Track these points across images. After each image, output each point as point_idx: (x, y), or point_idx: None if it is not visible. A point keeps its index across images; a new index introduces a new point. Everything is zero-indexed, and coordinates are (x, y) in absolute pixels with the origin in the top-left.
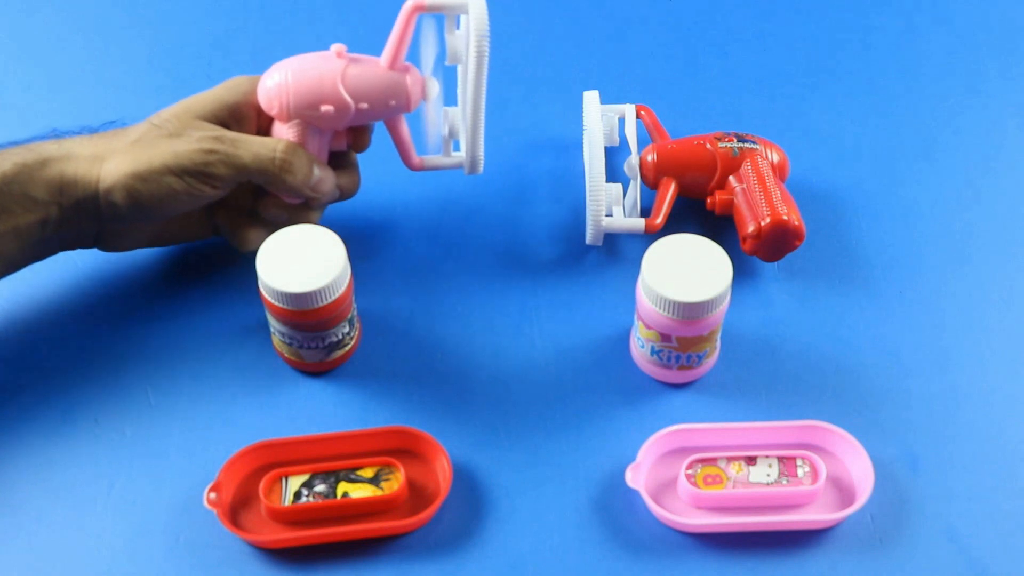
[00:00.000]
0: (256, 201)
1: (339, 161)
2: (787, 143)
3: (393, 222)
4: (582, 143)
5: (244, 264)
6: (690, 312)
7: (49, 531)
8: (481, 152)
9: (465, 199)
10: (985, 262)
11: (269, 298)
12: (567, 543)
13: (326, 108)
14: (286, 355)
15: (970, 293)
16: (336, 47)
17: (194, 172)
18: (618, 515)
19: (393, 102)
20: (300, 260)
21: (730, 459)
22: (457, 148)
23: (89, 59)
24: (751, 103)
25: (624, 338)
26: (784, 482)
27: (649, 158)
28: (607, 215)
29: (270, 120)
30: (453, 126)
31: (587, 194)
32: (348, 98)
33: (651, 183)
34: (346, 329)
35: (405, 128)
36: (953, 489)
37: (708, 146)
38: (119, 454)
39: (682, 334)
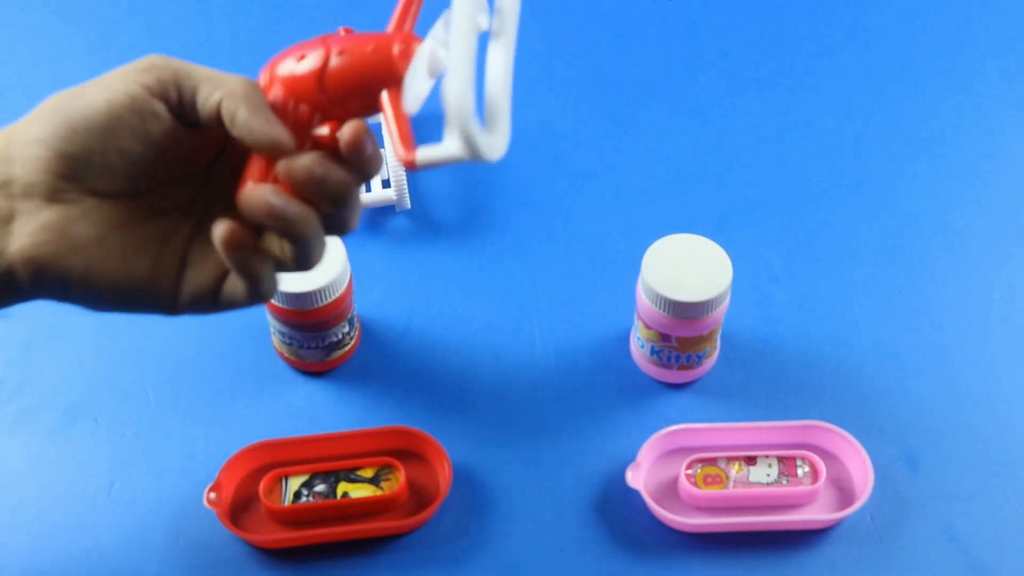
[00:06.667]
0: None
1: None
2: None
3: (393, 221)
4: None
5: None
6: (690, 312)
7: (49, 531)
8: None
9: (465, 198)
10: (985, 262)
11: None
12: (567, 543)
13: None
14: (286, 355)
15: (970, 292)
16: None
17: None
18: (618, 515)
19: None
20: None
21: (730, 459)
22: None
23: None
24: (751, 103)
25: (624, 338)
26: (784, 482)
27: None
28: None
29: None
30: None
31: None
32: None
33: None
34: (346, 329)
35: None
36: (953, 489)
37: None
38: (119, 454)
39: (682, 334)
